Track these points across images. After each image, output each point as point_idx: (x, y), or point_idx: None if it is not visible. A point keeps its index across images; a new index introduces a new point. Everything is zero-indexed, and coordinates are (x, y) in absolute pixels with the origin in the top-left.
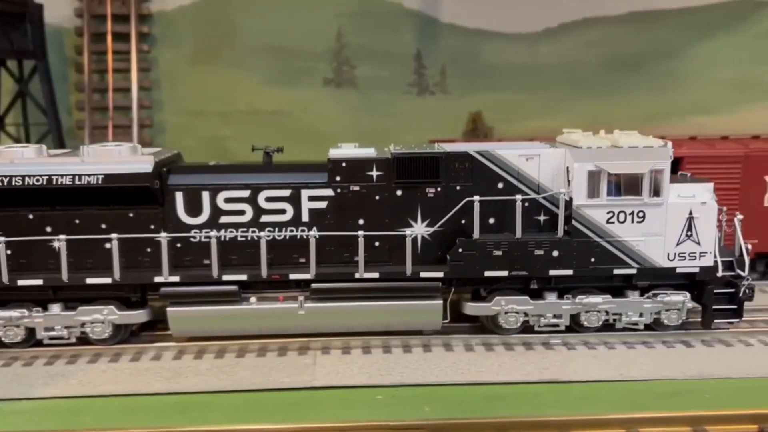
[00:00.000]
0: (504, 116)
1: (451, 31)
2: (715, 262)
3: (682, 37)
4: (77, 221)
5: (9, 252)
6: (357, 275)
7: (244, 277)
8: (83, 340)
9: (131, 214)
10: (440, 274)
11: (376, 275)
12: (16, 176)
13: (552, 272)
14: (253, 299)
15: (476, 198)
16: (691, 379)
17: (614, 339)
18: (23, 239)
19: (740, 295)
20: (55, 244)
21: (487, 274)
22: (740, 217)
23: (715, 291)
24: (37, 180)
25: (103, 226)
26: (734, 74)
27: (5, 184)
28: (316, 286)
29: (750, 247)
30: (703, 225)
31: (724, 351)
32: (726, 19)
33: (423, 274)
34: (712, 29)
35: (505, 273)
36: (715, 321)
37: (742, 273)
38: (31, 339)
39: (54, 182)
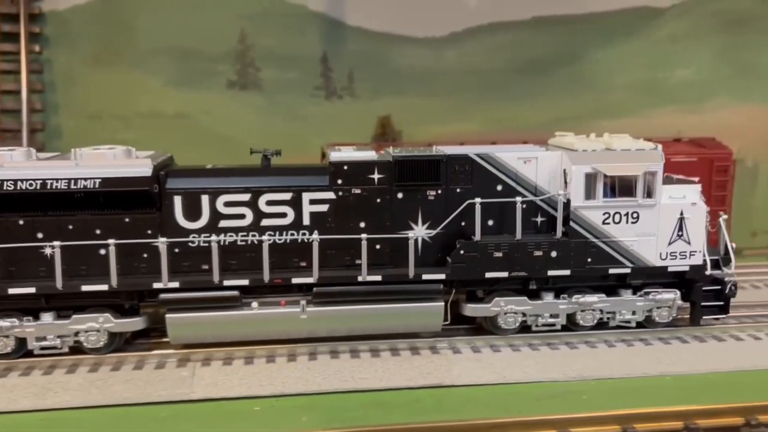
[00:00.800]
0: (413, 120)
1: (357, 35)
2: (704, 260)
3: (587, 42)
4: (70, 227)
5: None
6: (360, 278)
7: (245, 282)
8: (76, 349)
9: (127, 219)
10: (442, 276)
11: (378, 278)
12: (7, 180)
13: (550, 272)
14: (254, 304)
15: (477, 200)
16: (572, 380)
17: (501, 342)
18: (13, 246)
19: (726, 292)
20: (47, 251)
21: (488, 275)
22: (725, 217)
23: (704, 288)
24: (31, 184)
25: (98, 231)
26: (636, 78)
27: None
28: (318, 290)
29: (735, 245)
30: (693, 225)
31: (605, 352)
32: (627, 25)
33: (425, 276)
34: (614, 35)
35: (505, 274)
36: (704, 317)
37: (728, 271)
38: (21, 349)
39: (48, 187)
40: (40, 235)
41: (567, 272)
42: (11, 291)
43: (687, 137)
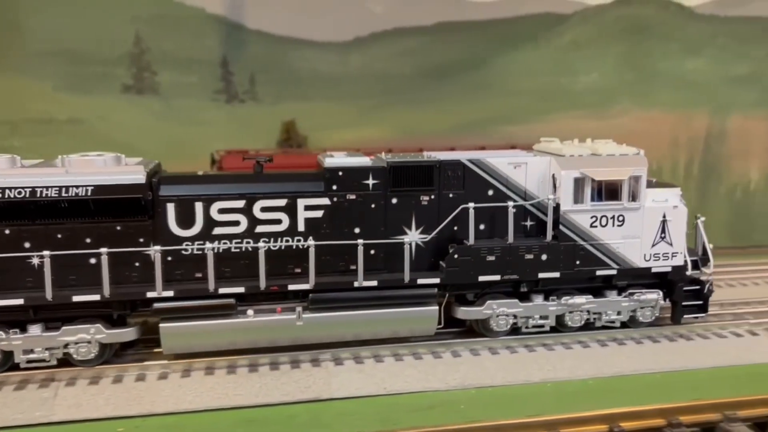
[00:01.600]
0: (318, 125)
1: (258, 38)
2: (685, 261)
3: (491, 48)
4: (59, 236)
5: None
6: (356, 284)
7: (241, 290)
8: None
9: (118, 227)
10: (437, 280)
11: (374, 283)
12: None
13: (541, 275)
14: (250, 312)
15: (471, 205)
16: (453, 389)
17: (385, 351)
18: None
19: (705, 291)
20: (35, 261)
21: (481, 278)
22: (702, 219)
23: (684, 288)
24: (19, 192)
25: (88, 240)
26: (541, 84)
27: None
28: (314, 296)
29: (712, 246)
30: (674, 227)
31: (489, 359)
32: (531, 32)
33: (420, 281)
34: (519, 41)
35: (497, 277)
36: (685, 316)
37: (707, 271)
38: (6, 363)
39: (38, 195)
40: (27, 245)
41: (557, 275)
42: (1, 303)
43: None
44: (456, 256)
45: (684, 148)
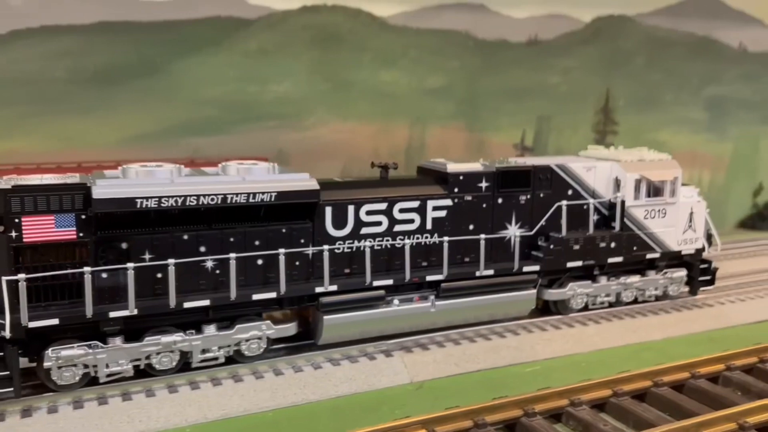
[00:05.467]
0: None
1: None
2: (703, 245)
3: (166, 53)
4: (231, 239)
5: (160, 275)
6: (477, 273)
7: (390, 282)
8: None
9: (284, 230)
10: (537, 268)
11: (491, 272)
12: (189, 196)
13: (609, 260)
14: (396, 301)
15: (564, 203)
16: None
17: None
18: (185, 261)
19: (711, 268)
20: (208, 264)
21: (569, 264)
22: (708, 210)
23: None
24: (212, 199)
25: (257, 242)
26: (227, 92)
27: (180, 204)
28: (446, 285)
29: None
30: (697, 217)
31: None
32: (213, 36)
33: (525, 269)
34: (199, 45)
35: (580, 263)
36: (701, 289)
37: (715, 252)
38: (179, 364)
39: (228, 201)
40: (202, 249)
41: (620, 259)
42: (187, 305)
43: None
44: (552, 246)
45: (386, 159)
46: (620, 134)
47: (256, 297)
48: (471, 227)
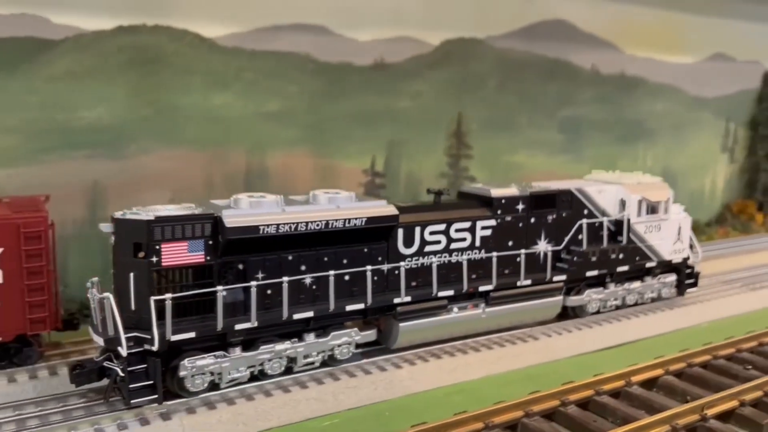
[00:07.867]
0: None
1: None
2: (688, 254)
3: None
4: (326, 259)
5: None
6: (518, 283)
7: (452, 293)
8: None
9: (365, 249)
10: (564, 277)
11: (529, 282)
12: (300, 223)
13: (618, 269)
14: (455, 309)
15: (585, 221)
16: None
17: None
18: (294, 279)
19: (695, 273)
20: (307, 280)
21: (587, 274)
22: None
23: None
24: (317, 225)
25: (345, 261)
26: (29, 120)
27: (293, 229)
28: (495, 294)
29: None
30: (684, 231)
31: None
32: (8, 59)
33: (555, 278)
34: None
35: (596, 272)
36: (688, 290)
37: (696, 260)
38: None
39: (329, 226)
40: (303, 268)
41: (627, 268)
42: (296, 316)
43: (9, 197)
44: (575, 258)
45: (221, 188)
46: (475, 158)
47: (348, 308)
48: (510, 243)
